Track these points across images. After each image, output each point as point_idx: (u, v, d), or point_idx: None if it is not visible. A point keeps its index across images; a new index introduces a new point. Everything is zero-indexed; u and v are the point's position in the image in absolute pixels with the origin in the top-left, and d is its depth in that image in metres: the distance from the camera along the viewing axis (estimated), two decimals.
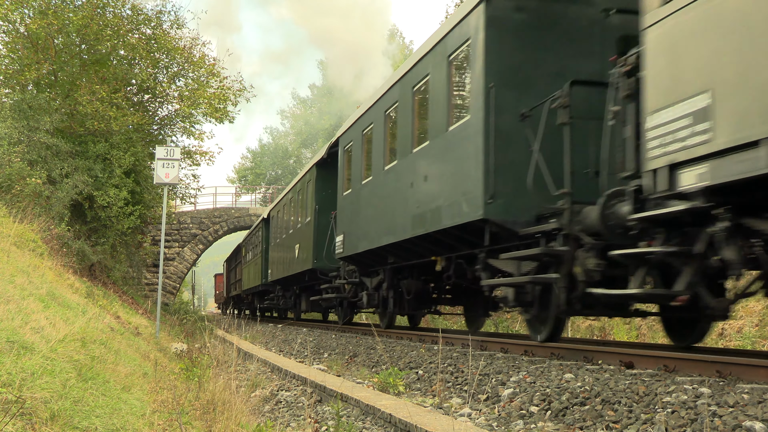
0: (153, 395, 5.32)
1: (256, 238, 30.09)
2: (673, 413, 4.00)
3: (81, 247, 14.14)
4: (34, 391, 3.58)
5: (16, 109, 15.43)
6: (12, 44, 18.27)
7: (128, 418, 4.14)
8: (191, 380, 6.36)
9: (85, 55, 18.56)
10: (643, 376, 5.24)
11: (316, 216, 17.29)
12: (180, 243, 36.90)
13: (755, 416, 3.68)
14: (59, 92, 17.95)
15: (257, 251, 29.00)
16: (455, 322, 19.56)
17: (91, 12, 17.46)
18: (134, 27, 19.23)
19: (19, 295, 6.16)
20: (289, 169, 58.36)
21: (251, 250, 31.86)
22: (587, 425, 4.24)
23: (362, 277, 13.98)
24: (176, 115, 22.38)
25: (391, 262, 12.11)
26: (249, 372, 8.41)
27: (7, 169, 13.52)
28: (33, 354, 4.23)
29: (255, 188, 52.79)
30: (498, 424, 4.60)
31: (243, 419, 4.75)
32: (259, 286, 28.16)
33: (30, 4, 17.61)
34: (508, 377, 5.91)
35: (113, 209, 16.85)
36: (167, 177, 12.77)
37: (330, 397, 5.99)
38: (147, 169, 18.84)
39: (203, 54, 21.64)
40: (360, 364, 8.81)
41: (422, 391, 6.24)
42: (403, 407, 4.87)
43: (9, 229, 9.78)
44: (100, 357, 5.32)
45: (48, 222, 13.14)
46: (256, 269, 29.19)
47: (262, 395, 6.72)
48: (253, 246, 31.40)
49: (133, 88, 21.07)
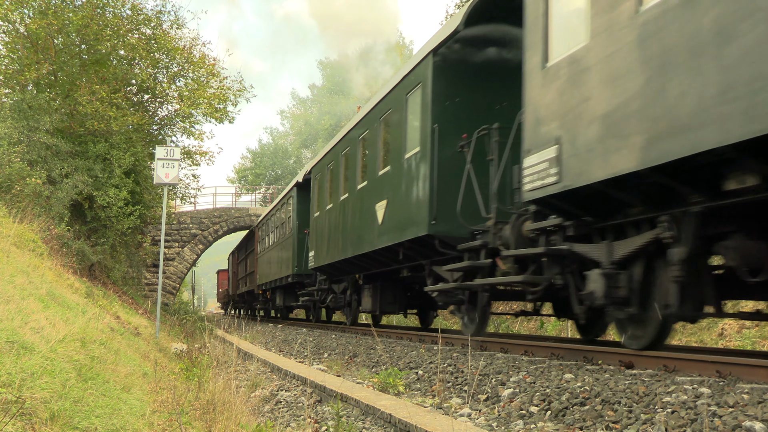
0: (153, 395, 5.32)
1: (282, 214, 23.52)
2: (673, 413, 4.00)
3: (81, 247, 14.14)
4: (34, 391, 3.58)
5: (16, 109, 15.42)
6: (12, 44, 18.26)
7: (128, 418, 4.14)
8: (191, 380, 6.36)
9: (85, 55, 18.55)
10: (643, 376, 5.24)
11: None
12: (180, 243, 36.89)
13: (755, 416, 3.68)
14: (59, 92, 17.95)
15: (285, 231, 22.69)
16: (455, 322, 19.61)
17: (91, 12, 17.45)
18: (134, 27, 19.22)
19: (18, 295, 6.15)
20: (289, 169, 58.35)
21: (273, 231, 25.30)
22: (587, 425, 4.24)
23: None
24: (176, 115, 22.38)
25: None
26: (249, 372, 8.42)
27: (7, 169, 13.51)
28: (33, 354, 4.23)
29: (255, 188, 52.76)
30: (498, 424, 4.60)
31: (243, 419, 4.75)
32: (287, 278, 21.77)
33: (30, 4, 17.60)
34: (508, 377, 5.91)
35: (113, 209, 16.85)
36: (167, 177, 12.78)
37: (330, 397, 5.99)
38: (147, 169, 18.84)
39: (203, 54, 21.66)
40: (360, 364, 8.81)
41: (422, 391, 6.24)
42: (403, 407, 4.87)
43: (9, 229, 9.77)
44: (100, 357, 5.31)
45: (48, 222, 13.13)
46: (282, 256, 22.83)
47: (262, 395, 6.72)
48: (276, 226, 24.75)
49: (133, 88, 21.07)
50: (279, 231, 23.89)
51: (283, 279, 22.40)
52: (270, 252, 26.03)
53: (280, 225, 23.46)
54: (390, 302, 13.94)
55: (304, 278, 19.94)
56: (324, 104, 60.36)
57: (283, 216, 23.13)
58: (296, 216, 20.55)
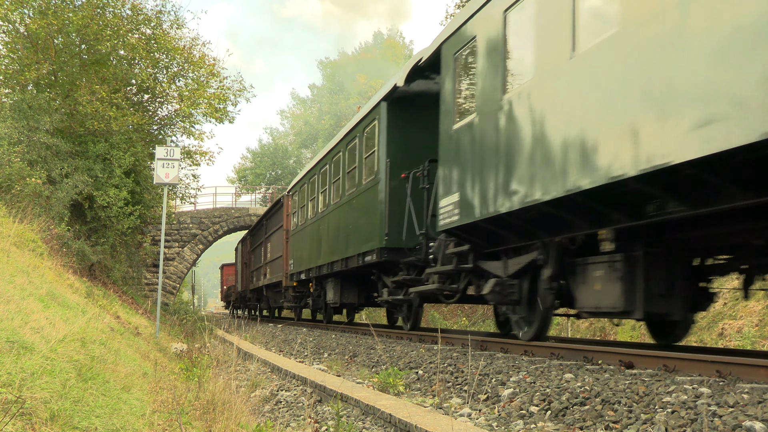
0: (153, 395, 5.32)
1: (349, 155, 14.70)
2: (673, 413, 4.00)
3: (81, 247, 14.14)
4: (34, 391, 3.58)
5: (16, 109, 15.42)
6: (12, 44, 18.26)
7: (128, 418, 4.14)
8: (191, 380, 6.36)
9: (85, 55, 18.56)
10: (643, 376, 5.24)
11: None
12: (180, 243, 36.89)
13: (755, 416, 3.68)
14: (59, 92, 17.95)
15: (357, 181, 13.96)
16: (455, 322, 19.58)
17: (91, 12, 17.45)
18: (134, 27, 19.22)
19: (19, 295, 6.15)
20: (289, 170, 58.37)
21: (328, 188, 16.63)
22: (587, 425, 4.24)
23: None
24: (176, 115, 22.38)
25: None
26: (249, 372, 8.42)
27: (7, 169, 13.51)
28: (33, 354, 4.23)
29: (255, 188, 52.77)
30: (498, 424, 4.60)
31: (243, 419, 4.75)
32: (361, 257, 13.46)
33: (30, 4, 17.60)
34: (508, 377, 5.91)
35: (113, 209, 16.85)
36: (167, 177, 12.78)
37: (330, 397, 5.99)
38: (147, 169, 18.85)
39: (203, 54, 21.66)
40: (360, 364, 8.82)
41: (422, 391, 6.24)
42: (403, 407, 4.87)
43: (9, 229, 9.78)
44: (100, 357, 5.31)
45: (48, 222, 13.14)
46: (352, 222, 14.30)
47: (262, 395, 6.72)
48: (335, 178, 15.92)
49: (133, 88, 21.07)
50: (342, 185, 15.16)
51: (353, 259, 14.03)
52: (318, 223, 17.53)
53: (347, 174, 14.69)
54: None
55: (399, 255, 12.01)
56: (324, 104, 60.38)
57: (355, 156, 14.16)
58: (386, 151, 12.31)
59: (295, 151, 61.28)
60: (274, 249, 25.70)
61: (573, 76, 6.25)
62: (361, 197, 13.45)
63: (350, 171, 14.48)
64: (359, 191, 13.56)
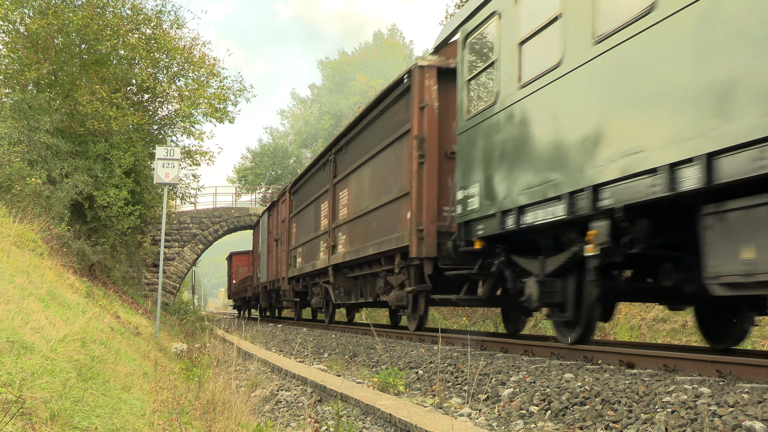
0: (153, 395, 5.32)
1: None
2: (673, 413, 4.00)
3: (81, 247, 14.14)
4: (34, 391, 3.59)
5: (16, 109, 15.42)
6: (12, 44, 18.26)
7: (128, 418, 4.14)
8: (191, 380, 6.36)
9: (85, 55, 18.56)
10: (643, 376, 5.24)
11: None
12: (180, 243, 36.89)
13: (755, 416, 3.68)
14: (59, 92, 17.95)
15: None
16: (455, 322, 19.60)
17: (91, 12, 17.45)
18: (134, 27, 19.22)
19: (19, 295, 6.16)
20: (289, 169, 58.34)
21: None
22: (587, 425, 4.24)
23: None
24: (176, 115, 22.38)
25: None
26: (249, 372, 8.42)
27: (7, 169, 13.51)
28: (33, 354, 4.23)
29: (255, 188, 52.75)
30: (498, 424, 4.60)
31: (243, 419, 4.75)
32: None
33: (30, 4, 17.60)
34: (508, 377, 5.91)
35: (113, 209, 16.85)
36: (167, 177, 12.77)
37: (330, 397, 5.99)
38: (147, 169, 18.84)
39: (203, 54, 21.66)
40: (360, 364, 8.82)
41: (422, 391, 6.24)
42: (403, 407, 4.87)
43: (9, 229, 9.78)
44: (100, 357, 5.31)
45: (48, 222, 13.14)
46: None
47: (262, 395, 6.72)
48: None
49: (133, 88, 21.07)
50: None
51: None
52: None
53: None
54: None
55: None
56: (324, 104, 60.35)
57: None
58: None
59: (295, 151, 61.24)
60: (310, 223, 17.19)
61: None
62: None
63: None
64: None
